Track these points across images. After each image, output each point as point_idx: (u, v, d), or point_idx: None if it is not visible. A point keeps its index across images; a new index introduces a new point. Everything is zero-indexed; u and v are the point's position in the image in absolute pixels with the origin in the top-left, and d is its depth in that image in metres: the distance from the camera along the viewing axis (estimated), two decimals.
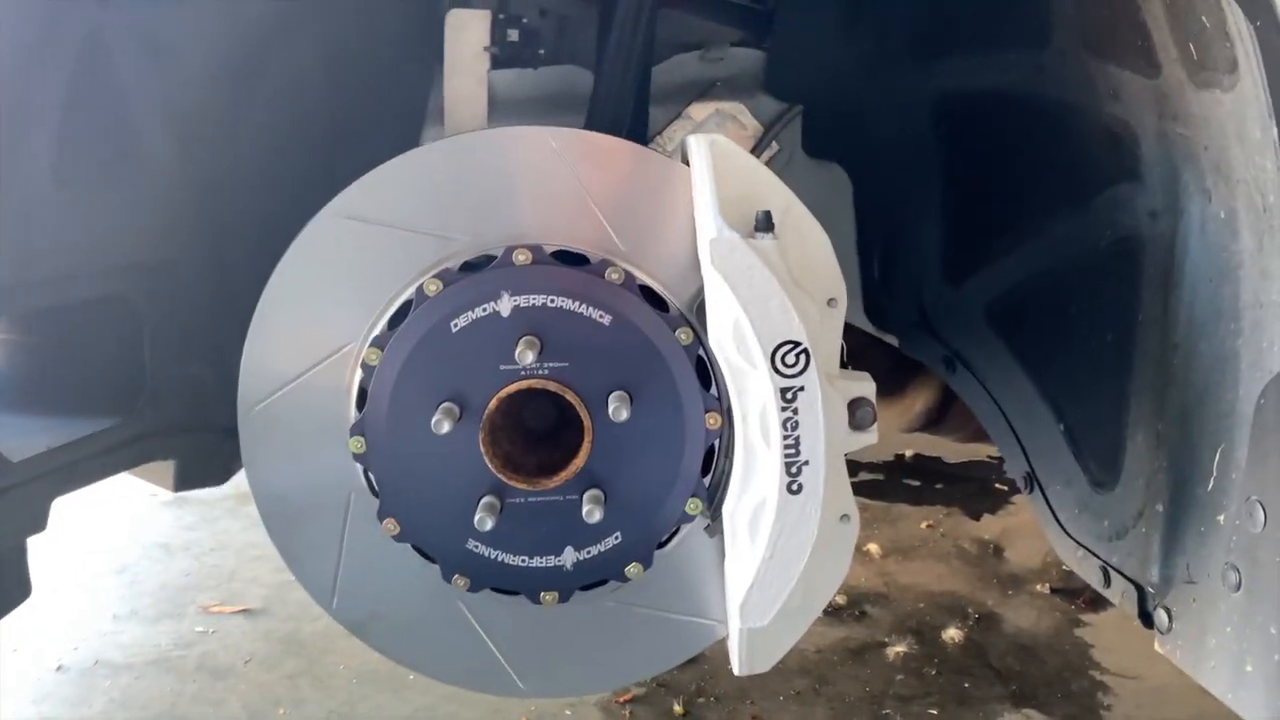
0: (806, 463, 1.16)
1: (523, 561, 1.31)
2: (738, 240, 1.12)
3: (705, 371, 1.27)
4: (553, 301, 1.25)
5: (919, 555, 3.71)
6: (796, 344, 1.13)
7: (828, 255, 1.21)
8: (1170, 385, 1.38)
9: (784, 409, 1.14)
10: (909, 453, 4.59)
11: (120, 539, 3.64)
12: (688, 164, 1.25)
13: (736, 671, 1.27)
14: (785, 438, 1.15)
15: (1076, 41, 1.51)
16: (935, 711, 2.79)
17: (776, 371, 1.14)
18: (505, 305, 1.24)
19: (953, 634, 3.14)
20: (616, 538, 1.31)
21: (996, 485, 4.30)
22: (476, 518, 1.26)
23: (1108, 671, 2.99)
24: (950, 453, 4.51)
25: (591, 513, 1.26)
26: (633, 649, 1.39)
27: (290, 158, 1.75)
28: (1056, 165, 1.66)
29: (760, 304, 1.12)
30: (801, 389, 1.14)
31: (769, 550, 1.19)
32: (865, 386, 1.21)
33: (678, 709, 2.74)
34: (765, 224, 1.14)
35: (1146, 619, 1.42)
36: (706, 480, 1.29)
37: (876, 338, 2.27)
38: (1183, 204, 1.34)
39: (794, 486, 1.17)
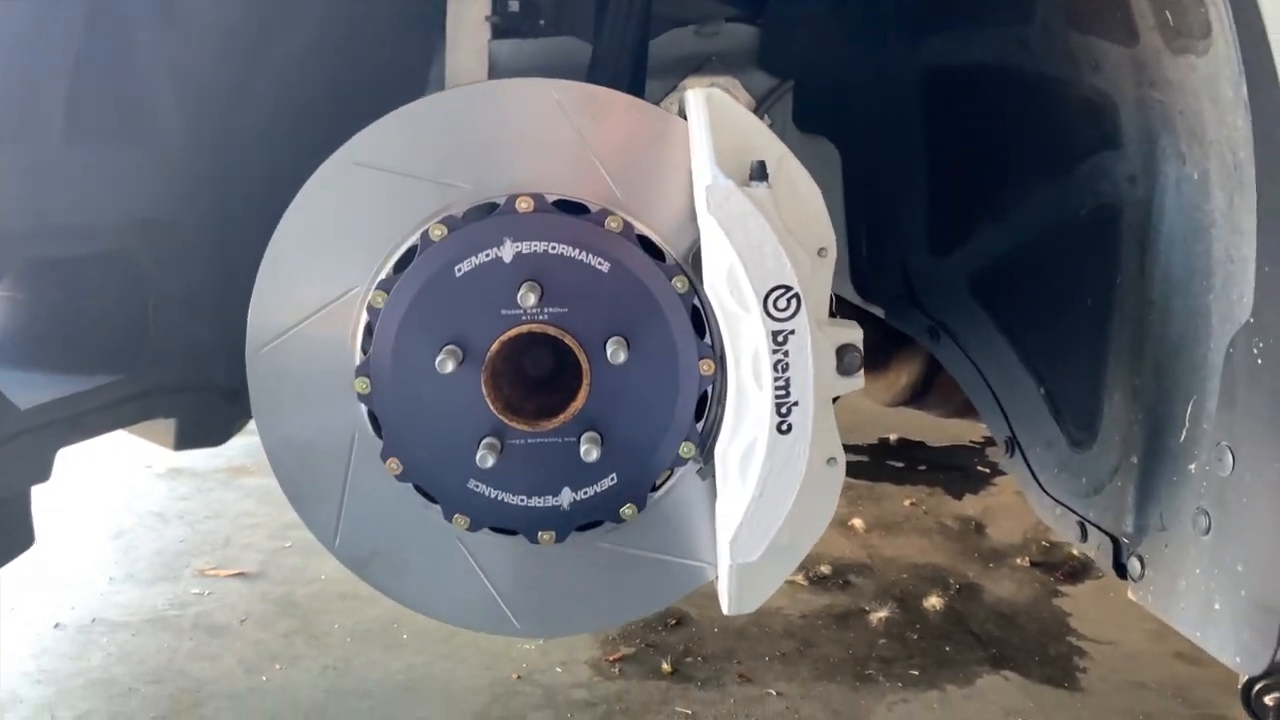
0: (796, 404, 1.20)
1: (521, 501, 1.35)
2: (733, 188, 1.16)
3: (700, 320, 1.31)
4: (553, 248, 1.28)
5: (902, 530, 3.77)
6: (788, 289, 1.17)
7: (818, 206, 1.25)
8: (1146, 342, 1.42)
9: (775, 351, 1.18)
10: (893, 437, 4.65)
11: (115, 508, 3.66)
12: (685, 119, 1.30)
13: (725, 610, 1.32)
14: (776, 379, 1.19)
15: (1059, 15, 1.55)
16: (916, 672, 2.84)
17: (769, 315, 1.17)
18: (508, 251, 1.28)
19: (934, 602, 3.19)
20: (612, 479, 1.34)
21: (979, 468, 4.37)
22: (478, 455, 1.29)
23: (1084, 638, 3.05)
24: (934, 437, 4.58)
25: (589, 452, 1.30)
26: (625, 589, 1.43)
27: (294, 125, 1.77)
28: (1039, 137, 1.70)
29: (754, 249, 1.16)
30: (792, 332, 1.18)
31: (759, 488, 1.23)
32: (853, 334, 1.26)
33: (666, 668, 2.79)
34: (759, 173, 1.18)
35: (1120, 570, 1.47)
36: (700, 425, 1.33)
37: (863, 310, 2.32)
38: (1159, 168, 1.38)
39: (784, 426, 1.21)
